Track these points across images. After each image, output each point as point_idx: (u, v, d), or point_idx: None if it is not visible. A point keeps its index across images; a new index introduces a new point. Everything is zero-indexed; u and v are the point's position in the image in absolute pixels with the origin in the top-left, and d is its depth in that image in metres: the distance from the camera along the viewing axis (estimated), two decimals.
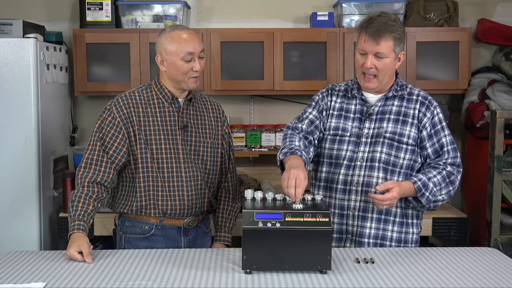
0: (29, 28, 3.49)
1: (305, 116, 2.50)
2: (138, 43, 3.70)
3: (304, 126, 2.47)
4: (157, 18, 3.82)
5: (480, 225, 3.63)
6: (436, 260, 2.20)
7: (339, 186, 2.42)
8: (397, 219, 2.42)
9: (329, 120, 2.48)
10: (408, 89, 2.47)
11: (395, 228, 2.42)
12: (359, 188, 2.39)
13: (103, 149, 2.44)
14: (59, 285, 1.92)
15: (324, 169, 2.48)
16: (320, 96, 2.53)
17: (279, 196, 2.18)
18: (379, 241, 2.42)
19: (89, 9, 3.76)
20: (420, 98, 2.44)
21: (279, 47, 3.71)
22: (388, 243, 2.42)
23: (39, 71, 3.36)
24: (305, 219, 2.03)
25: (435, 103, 2.45)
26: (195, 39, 2.45)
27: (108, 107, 2.49)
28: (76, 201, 2.34)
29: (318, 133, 2.48)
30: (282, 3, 4.04)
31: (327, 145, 2.46)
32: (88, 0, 3.75)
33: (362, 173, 2.39)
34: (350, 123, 2.44)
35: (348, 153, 2.41)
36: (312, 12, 3.88)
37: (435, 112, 2.42)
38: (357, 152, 2.40)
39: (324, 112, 2.49)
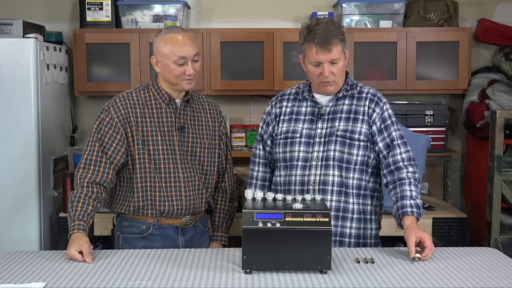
0: (29, 28, 3.49)
1: (256, 153, 2.64)
2: (138, 43, 3.70)
3: (261, 170, 2.64)
4: (157, 18, 3.82)
5: (480, 225, 3.63)
6: (436, 260, 2.20)
7: (297, 187, 2.46)
8: (355, 216, 2.44)
9: (280, 125, 2.54)
10: (358, 88, 2.51)
11: (354, 225, 2.45)
12: (316, 187, 2.42)
13: (102, 149, 2.44)
14: (59, 285, 1.93)
15: (281, 173, 2.52)
16: (269, 108, 2.61)
17: (279, 196, 2.18)
18: (338, 238, 2.44)
19: (89, 9, 3.76)
20: (369, 95, 2.49)
21: (279, 47, 3.71)
22: (347, 239, 2.45)
23: (39, 71, 3.36)
24: (305, 219, 2.03)
25: (384, 100, 2.50)
26: (190, 42, 2.43)
27: (106, 107, 2.49)
28: (75, 201, 2.34)
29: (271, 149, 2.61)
30: (282, 3, 4.04)
31: (280, 149, 2.51)
32: (88, 0, 3.75)
33: (318, 172, 2.42)
34: (300, 125, 2.49)
35: (301, 154, 2.46)
36: (312, 12, 3.88)
37: (384, 107, 2.47)
38: (312, 152, 2.45)
39: (274, 122, 2.56)
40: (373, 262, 2.15)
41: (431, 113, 3.77)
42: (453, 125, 4.03)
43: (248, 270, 2.02)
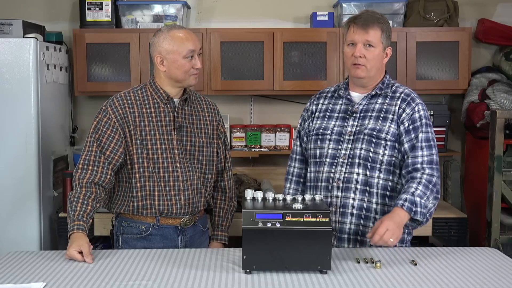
0: (29, 28, 3.49)
1: (294, 149, 2.65)
2: (138, 43, 3.70)
3: (297, 166, 2.64)
4: (157, 18, 3.82)
5: (480, 225, 3.63)
6: (436, 260, 2.20)
7: (322, 184, 2.45)
8: (378, 216, 2.40)
9: (314, 122, 2.55)
10: (393, 88, 2.48)
11: None
12: (340, 185, 2.41)
13: (100, 149, 2.44)
14: (59, 285, 1.93)
15: (311, 169, 2.52)
16: (307, 105, 2.63)
17: (279, 196, 2.18)
18: (359, 237, 2.42)
19: (89, 9, 3.76)
20: (402, 95, 2.45)
21: (279, 47, 3.71)
22: (368, 239, 2.39)
23: (39, 71, 3.36)
24: (305, 219, 2.03)
25: (418, 100, 2.44)
26: (194, 37, 2.47)
27: (104, 107, 2.49)
28: (74, 201, 2.34)
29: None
30: (282, 3, 4.04)
31: (311, 146, 2.52)
32: (88, 0, 3.75)
33: (343, 169, 2.42)
34: (333, 122, 2.49)
35: (330, 151, 2.45)
36: (312, 12, 3.88)
37: (416, 108, 2.41)
38: (340, 150, 2.44)
39: (310, 119, 2.57)
40: (373, 262, 2.15)
41: (431, 113, 3.76)
42: (453, 125, 4.02)
43: (248, 270, 2.02)
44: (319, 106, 2.56)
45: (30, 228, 3.39)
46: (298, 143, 2.64)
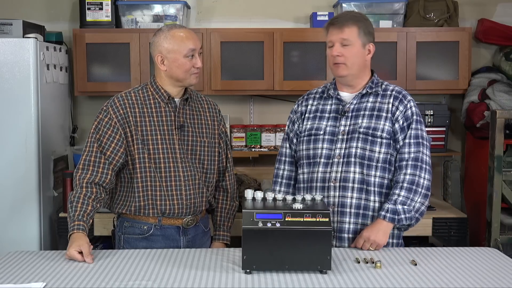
0: (29, 28, 3.49)
1: (283, 151, 2.65)
2: (138, 43, 3.70)
3: (287, 168, 2.63)
4: (157, 18, 3.82)
5: (480, 225, 3.63)
6: (436, 260, 2.20)
7: (318, 184, 2.46)
8: (376, 214, 2.42)
9: (304, 123, 2.55)
10: (383, 86, 2.51)
11: None
12: (337, 184, 2.42)
13: (101, 150, 2.44)
14: (59, 285, 1.93)
15: (304, 170, 2.52)
16: (295, 107, 2.63)
17: (279, 196, 2.18)
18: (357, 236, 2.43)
19: (89, 9, 3.76)
20: (394, 93, 2.49)
21: (279, 47, 3.71)
22: None
23: (39, 71, 3.36)
24: (305, 219, 2.03)
25: (409, 97, 2.49)
26: (194, 36, 2.48)
27: (105, 107, 2.49)
28: (75, 201, 2.34)
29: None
30: (282, 3, 4.04)
31: (303, 147, 2.52)
32: (88, 0, 3.75)
33: (340, 169, 2.43)
34: (324, 122, 2.50)
35: (324, 151, 2.46)
36: (312, 12, 3.88)
37: (408, 105, 2.46)
38: (334, 149, 2.45)
39: (299, 120, 2.58)
40: (373, 262, 2.15)
41: (431, 113, 3.77)
42: (453, 125, 4.03)
43: (248, 270, 2.02)
44: (309, 107, 2.57)
45: (30, 228, 3.39)
46: (287, 145, 2.63)
